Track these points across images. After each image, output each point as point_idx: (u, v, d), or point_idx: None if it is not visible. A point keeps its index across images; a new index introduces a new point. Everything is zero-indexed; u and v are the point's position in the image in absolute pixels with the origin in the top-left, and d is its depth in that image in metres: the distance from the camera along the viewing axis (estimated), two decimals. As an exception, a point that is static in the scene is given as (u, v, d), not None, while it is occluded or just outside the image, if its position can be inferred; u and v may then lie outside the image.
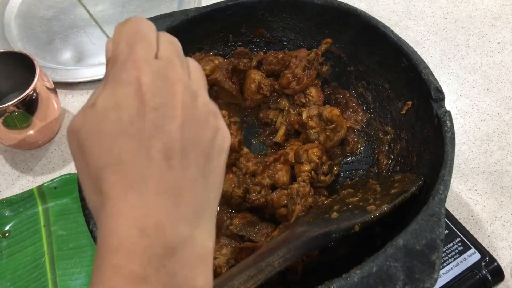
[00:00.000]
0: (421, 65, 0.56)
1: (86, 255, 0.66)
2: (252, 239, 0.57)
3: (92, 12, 0.99)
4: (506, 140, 0.75)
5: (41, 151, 0.79)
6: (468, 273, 0.56)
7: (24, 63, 0.73)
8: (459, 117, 0.79)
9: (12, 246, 0.67)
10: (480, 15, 0.93)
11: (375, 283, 0.40)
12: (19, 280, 0.64)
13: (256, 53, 0.72)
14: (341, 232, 0.47)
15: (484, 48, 0.88)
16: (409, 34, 0.91)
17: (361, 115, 0.69)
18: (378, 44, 0.63)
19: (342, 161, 0.67)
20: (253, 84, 0.68)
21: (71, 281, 0.64)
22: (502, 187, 0.71)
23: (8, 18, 0.97)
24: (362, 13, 0.63)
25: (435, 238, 0.42)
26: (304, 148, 0.62)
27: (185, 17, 0.66)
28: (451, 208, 0.69)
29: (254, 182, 0.62)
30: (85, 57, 0.91)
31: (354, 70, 0.69)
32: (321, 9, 0.66)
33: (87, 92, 0.86)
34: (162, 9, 0.97)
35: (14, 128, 0.71)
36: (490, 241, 0.66)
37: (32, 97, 0.70)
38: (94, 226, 0.50)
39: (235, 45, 0.74)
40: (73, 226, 0.68)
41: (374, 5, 0.97)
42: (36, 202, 0.70)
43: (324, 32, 0.69)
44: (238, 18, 0.70)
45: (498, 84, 0.83)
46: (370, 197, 0.53)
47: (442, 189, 0.46)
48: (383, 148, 0.65)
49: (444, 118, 0.51)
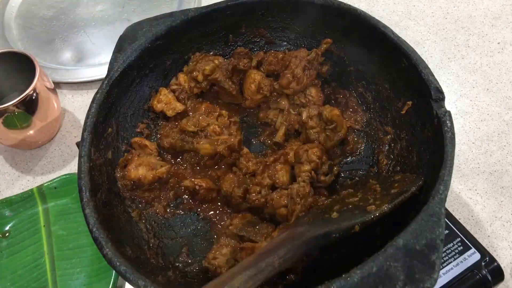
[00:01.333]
0: (421, 65, 0.56)
1: (86, 255, 0.66)
2: (252, 239, 0.57)
3: (92, 12, 0.99)
4: (506, 140, 0.75)
5: (41, 151, 0.79)
6: (468, 273, 0.56)
7: (24, 63, 0.73)
8: (459, 117, 0.79)
9: (12, 246, 0.67)
10: (480, 15, 0.93)
11: (375, 283, 0.40)
12: (19, 280, 0.64)
13: (256, 53, 0.72)
14: (341, 232, 0.47)
15: (484, 48, 0.88)
16: (409, 34, 0.91)
17: (361, 115, 0.69)
18: (378, 44, 0.63)
19: (342, 161, 0.67)
20: (253, 84, 0.68)
21: (71, 281, 0.64)
22: (502, 187, 0.71)
23: (8, 18, 0.97)
24: (362, 13, 0.63)
25: (435, 238, 0.42)
26: (304, 148, 0.62)
27: (185, 17, 0.66)
28: (451, 208, 0.69)
29: (254, 182, 0.62)
30: (85, 57, 0.91)
31: (354, 70, 0.69)
32: (321, 9, 0.67)
33: (87, 92, 0.86)
34: (162, 9, 0.97)
35: (14, 128, 0.71)
36: (490, 241, 0.66)
37: (32, 97, 0.70)
38: (94, 226, 0.50)
39: (235, 45, 0.74)
40: (73, 226, 0.68)
41: (374, 5, 0.97)
42: (36, 202, 0.70)
43: (324, 32, 0.69)
44: (238, 18, 0.70)
45: (498, 84, 0.83)
46: (370, 197, 0.53)
47: (442, 189, 0.46)
48: (383, 148, 0.65)
49: (444, 118, 0.51)
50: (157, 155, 0.66)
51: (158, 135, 0.69)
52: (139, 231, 0.59)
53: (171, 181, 0.65)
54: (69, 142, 0.80)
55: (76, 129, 0.82)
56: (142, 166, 0.63)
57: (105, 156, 0.60)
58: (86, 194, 0.52)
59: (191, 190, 0.64)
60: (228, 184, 0.62)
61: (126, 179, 0.62)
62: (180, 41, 0.69)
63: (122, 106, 0.65)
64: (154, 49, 0.65)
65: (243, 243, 0.57)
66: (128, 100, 0.66)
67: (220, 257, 0.56)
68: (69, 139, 0.80)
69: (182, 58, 0.71)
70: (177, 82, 0.70)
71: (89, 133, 0.57)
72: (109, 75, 0.61)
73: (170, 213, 0.63)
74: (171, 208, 0.64)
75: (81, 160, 0.54)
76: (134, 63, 0.63)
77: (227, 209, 0.64)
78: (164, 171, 0.64)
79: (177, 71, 0.71)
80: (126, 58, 0.63)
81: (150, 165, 0.63)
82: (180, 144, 0.66)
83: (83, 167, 0.54)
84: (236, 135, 0.67)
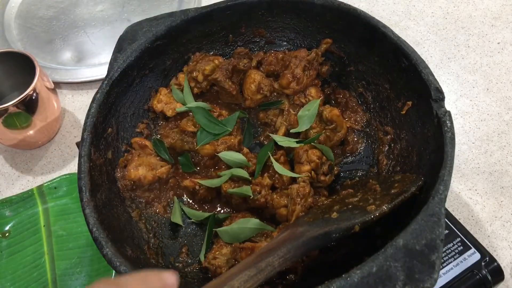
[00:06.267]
0: (421, 65, 0.56)
1: (86, 255, 0.66)
2: (252, 239, 0.57)
3: (92, 12, 0.99)
4: (506, 140, 0.75)
5: (41, 151, 0.79)
6: (468, 273, 0.56)
7: (24, 63, 0.73)
8: (459, 117, 0.79)
9: (12, 246, 0.67)
10: (480, 15, 0.93)
11: (375, 283, 0.40)
12: (19, 280, 0.64)
13: (256, 53, 0.72)
14: (341, 232, 0.47)
15: (484, 48, 0.88)
16: (409, 34, 0.91)
17: (361, 115, 0.69)
18: (378, 44, 0.63)
19: (342, 161, 0.67)
20: (253, 84, 0.68)
21: (71, 281, 0.64)
22: (502, 187, 0.71)
23: (8, 18, 0.97)
24: (362, 13, 0.63)
25: (435, 238, 0.42)
26: (304, 148, 0.62)
27: (185, 17, 0.66)
28: (451, 208, 0.69)
29: (254, 182, 0.62)
30: (85, 57, 0.91)
31: (354, 70, 0.69)
32: (321, 9, 0.67)
33: (87, 92, 0.86)
34: (162, 9, 0.97)
35: (14, 128, 0.71)
36: (490, 241, 0.66)
37: (32, 97, 0.70)
38: (94, 226, 0.50)
39: (235, 45, 0.74)
40: (73, 226, 0.68)
41: (374, 5, 0.97)
42: (36, 202, 0.70)
43: (324, 32, 0.69)
44: (238, 18, 0.70)
45: (498, 84, 0.83)
46: (370, 197, 0.53)
47: (442, 189, 0.46)
48: (383, 148, 0.65)
49: (444, 118, 0.51)
50: (157, 155, 0.66)
51: (158, 135, 0.69)
52: (139, 231, 0.59)
53: (171, 181, 0.65)
54: (69, 142, 0.80)
55: (76, 129, 0.82)
56: (142, 166, 0.63)
57: (105, 156, 0.60)
58: (86, 194, 0.52)
59: (191, 190, 0.64)
60: (228, 184, 0.62)
61: (126, 179, 0.62)
62: (180, 41, 0.69)
63: (122, 106, 0.65)
64: (154, 49, 0.65)
65: (243, 243, 0.57)
66: (128, 100, 0.66)
67: (220, 257, 0.56)
68: (69, 139, 0.80)
69: (182, 58, 0.71)
70: (177, 82, 0.70)
71: (89, 133, 0.57)
72: (109, 75, 0.61)
73: (170, 213, 0.63)
74: (171, 208, 0.64)
75: (81, 160, 0.54)
76: (134, 63, 0.63)
77: (227, 209, 0.64)
78: (164, 171, 0.64)
79: (177, 71, 0.71)
80: (126, 58, 0.63)
81: (150, 165, 0.63)
82: (180, 144, 0.66)
83: (83, 167, 0.54)
84: (236, 135, 0.67)
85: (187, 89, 0.68)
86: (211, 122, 0.65)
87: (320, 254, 0.56)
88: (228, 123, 0.66)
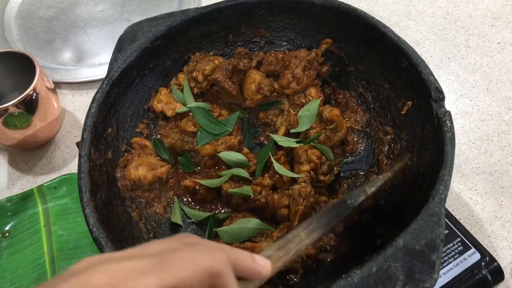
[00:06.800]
0: (421, 65, 0.56)
1: (86, 255, 0.65)
2: (252, 239, 0.57)
3: (92, 12, 0.99)
4: (506, 140, 0.75)
5: (41, 151, 0.79)
6: (468, 273, 0.56)
7: (24, 63, 0.73)
8: (459, 117, 0.79)
9: (12, 246, 0.67)
10: (480, 15, 0.93)
11: (375, 283, 0.40)
12: (19, 280, 0.64)
13: (256, 53, 0.72)
14: (355, 198, 0.48)
15: (484, 48, 0.88)
16: (409, 34, 0.91)
17: (361, 115, 0.69)
18: (378, 44, 0.63)
19: (342, 161, 0.67)
20: (253, 84, 0.68)
21: (71, 281, 0.64)
22: (502, 187, 0.71)
23: (8, 18, 0.97)
24: (362, 13, 0.63)
25: (435, 238, 0.42)
26: (304, 148, 0.62)
27: (185, 17, 0.66)
28: (451, 208, 0.69)
29: (254, 182, 0.62)
30: (85, 57, 0.91)
31: (354, 70, 0.69)
32: (321, 9, 0.67)
33: (87, 92, 0.86)
34: (162, 9, 0.97)
35: (14, 128, 0.71)
36: (490, 241, 0.66)
37: (32, 97, 0.70)
38: (94, 226, 0.50)
39: (235, 45, 0.74)
40: (73, 226, 0.68)
41: (374, 5, 0.97)
42: (36, 202, 0.70)
43: (324, 32, 0.69)
44: (238, 18, 0.70)
45: (498, 84, 0.83)
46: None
47: (442, 189, 0.46)
48: (383, 148, 0.65)
49: (444, 118, 0.51)
50: (157, 155, 0.66)
51: (158, 135, 0.69)
52: (139, 231, 0.59)
53: (171, 181, 0.66)
54: (69, 142, 0.80)
55: (76, 129, 0.82)
56: (142, 166, 0.63)
57: (105, 156, 0.60)
58: (86, 194, 0.52)
59: (191, 190, 0.64)
60: (228, 184, 0.62)
61: (126, 179, 0.62)
62: (180, 41, 0.69)
63: (122, 106, 0.65)
64: (154, 49, 0.65)
65: (243, 243, 0.57)
66: (128, 100, 0.66)
67: (220, 257, 0.56)
68: (69, 139, 0.80)
69: (182, 58, 0.71)
70: (177, 82, 0.70)
71: (89, 133, 0.57)
72: (109, 75, 0.61)
73: (170, 213, 0.63)
74: (171, 208, 0.64)
75: (81, 160, 0.54)
76: (134, 63, 0.63)
77: (227, 209, 0.64)
78: (164, 171, 0.64)
79: (177, 71, 0.71)
80: (126, 58, 0.63)
81: (150, 165, 0.63)
82: (180, 144, 0.66)
83: (83, 167, 0.54)
84: (236, 135, 0.67)
85: (187, 89, 0.68)
86: (211, 122, 0.65)
87: (320, 254, 0.56)
88: (228, 123, 0.66)
